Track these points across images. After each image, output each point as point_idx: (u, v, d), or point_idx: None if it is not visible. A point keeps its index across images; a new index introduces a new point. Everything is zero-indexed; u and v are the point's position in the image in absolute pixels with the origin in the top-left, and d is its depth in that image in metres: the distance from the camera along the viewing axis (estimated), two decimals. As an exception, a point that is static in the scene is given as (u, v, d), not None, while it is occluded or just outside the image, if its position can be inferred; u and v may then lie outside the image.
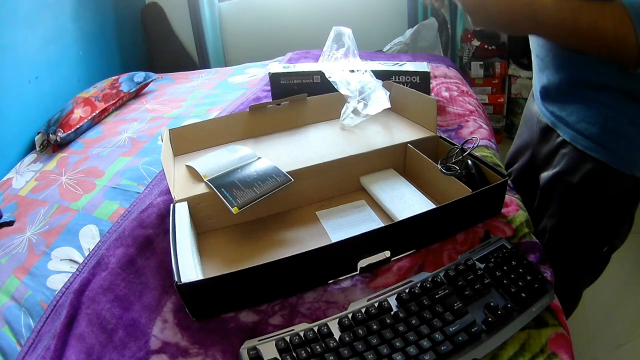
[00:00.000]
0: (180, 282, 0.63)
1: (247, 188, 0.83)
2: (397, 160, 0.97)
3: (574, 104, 0.76)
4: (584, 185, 0.79)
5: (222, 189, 0.83)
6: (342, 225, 0.86)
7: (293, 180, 0.85)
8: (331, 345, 0.60)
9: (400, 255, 0.77)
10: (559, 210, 0.88)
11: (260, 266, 0.65)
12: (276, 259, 0.65)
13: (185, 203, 0.83)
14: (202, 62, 2.52)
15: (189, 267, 0.67)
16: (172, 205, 0.82)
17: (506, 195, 0.89)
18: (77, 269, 0.89)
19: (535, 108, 0.92)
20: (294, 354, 0.59)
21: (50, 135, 1.43)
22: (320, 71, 1.36)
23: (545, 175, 0.90)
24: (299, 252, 0.66)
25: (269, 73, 1.38)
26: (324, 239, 0.83)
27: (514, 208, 0.87)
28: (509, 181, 0.95)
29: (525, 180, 1.01)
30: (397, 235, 0.74)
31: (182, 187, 0.88)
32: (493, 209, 0.84)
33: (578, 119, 0.76)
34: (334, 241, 0.71)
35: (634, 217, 0.84)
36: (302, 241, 0.83)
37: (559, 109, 0.80)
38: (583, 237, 0.87)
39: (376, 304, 0.65)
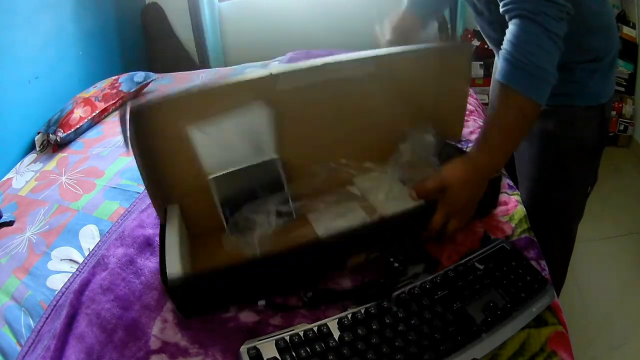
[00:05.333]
0: (167, 277, 0.63)
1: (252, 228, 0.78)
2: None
3: None
4: (558, 127, 0.89)
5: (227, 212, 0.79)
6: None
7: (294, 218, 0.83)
8: (331, 344, 0.60)
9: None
10: (537, 157, 0.95)
11: (248, 262, 0.64)
12: (264, 254, 0.65)
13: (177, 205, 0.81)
14: (202, 62, 2.52)
15: (175, 264, 0.66)
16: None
17: (505, 194, 0.89)
18: (77, 269, 0.89)
19: None
20: (294, 354, 0.59)
21: (50, 135, 1.43)
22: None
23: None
24: (285, 248, 0.65)
25: (269, 73, 1.37)
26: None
27: (513, 205, 0.87)
28: (509, 181, 0.95)
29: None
30: (385, 231, 0.74)
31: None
32: (488, 204, 0.84)
33: None
34: (320, 235, 0.71)
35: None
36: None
37: None
38: (569, 181, 0.94)
39: (376, 305, 0.65)
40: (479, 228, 0.83)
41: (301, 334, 0.62)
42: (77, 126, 1.46)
